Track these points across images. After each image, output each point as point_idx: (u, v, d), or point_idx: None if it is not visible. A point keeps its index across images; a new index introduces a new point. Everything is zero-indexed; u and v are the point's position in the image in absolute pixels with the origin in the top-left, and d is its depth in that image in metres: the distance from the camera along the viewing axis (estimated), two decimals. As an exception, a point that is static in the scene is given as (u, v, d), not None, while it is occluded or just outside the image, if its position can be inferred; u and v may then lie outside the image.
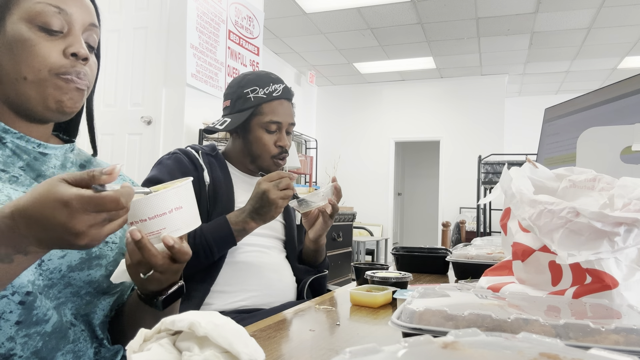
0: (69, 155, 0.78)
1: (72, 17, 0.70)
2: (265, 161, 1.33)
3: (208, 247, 1.13)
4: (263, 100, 1.30)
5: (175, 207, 0.61)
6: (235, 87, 1.34)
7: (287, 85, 1.37)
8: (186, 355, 0.39)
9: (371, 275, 0.96)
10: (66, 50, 0.69)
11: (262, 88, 1.31)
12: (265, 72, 1.38)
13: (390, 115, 7.40)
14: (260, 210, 1.14)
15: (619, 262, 0.54)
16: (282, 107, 1.33)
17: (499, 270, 0.71)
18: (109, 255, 0.73)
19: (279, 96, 1.33)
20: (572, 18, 4.83)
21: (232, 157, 1.38)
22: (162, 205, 0.60)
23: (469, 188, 6.57)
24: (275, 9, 4.75)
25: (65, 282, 0.67)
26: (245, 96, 1.31)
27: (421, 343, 0.28)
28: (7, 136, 0.69)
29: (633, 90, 0.95)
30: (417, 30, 5.34)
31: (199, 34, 3.37)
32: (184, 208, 0.62)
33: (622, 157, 0.82)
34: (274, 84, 1.34)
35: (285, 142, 1.34)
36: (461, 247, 1.36)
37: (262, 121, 1.30)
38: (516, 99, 7.86)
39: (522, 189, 0.63)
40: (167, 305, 0.69)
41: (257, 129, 1.31)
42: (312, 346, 0.61)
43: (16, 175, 0.67)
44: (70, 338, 0.67)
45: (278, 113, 1.31)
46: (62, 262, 0.66)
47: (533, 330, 0.42)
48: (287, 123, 1.33)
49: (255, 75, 1.35)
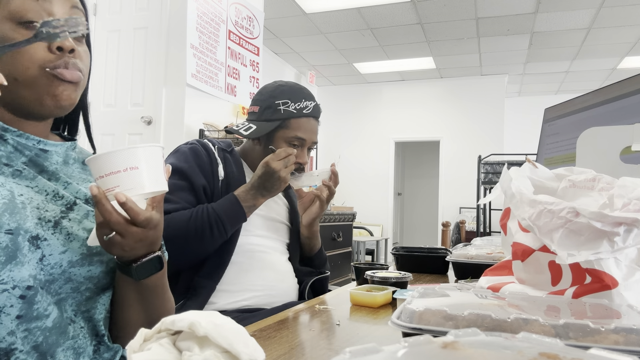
0: (71, 152, 0.78)
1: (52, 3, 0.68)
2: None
3: (221, 223, 1.15)
4: (293, 115, 1.30)
5: (130, 166, 0.61)
6: (267, 95, 1.33)
7: (317, 103, 1.38)
8: (186, 355, 0.39)
9: (371, 275, 0.96)
10: (51, 46, 0.67)
11: (293, 102, 1.31)
12: (299, 86, 1.38)
13: (390, 115, 7.39)
14: (270, 187, 1.17)
15: (618, 262, 0.54)
16: (310, 124, 1.34)
17: (499, 270, 0.71)
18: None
19: (309, 114, 1.33)
20: (572, 18, 4.83)
21: (248, 158, 1.38)
22: (117, 163, 0.61)
23: (469, 188, 6.57)
24: (275, 9, 4.76)
25: (65, 278, 0.66)
26: (276, 107, 1.30)
27: (421, 343, 0.28)
28: (7, 134, 0.69)
29: (633, 90, 0.95)
30: (417, 30, 5.34)
31: (199, 34, 3.37)
32: (140, 169, 0.62)
33: (621, 157, 0.82)
34: (306, 100, 1.34)
35: (304, 159, 1.34)
36: (461, 247, 1.36)
37: (288, 135, 1.30)
38: (516, 99, 7.86)
39: (522, 189, 0.63)
40: (143, 276, 0.68)
41: (281, 142, 1.30)
42: (312, 346, 0.61)
43: (19, 169, 0.67)
44: (70, 334, 0.67)
45: (305, 130, 1.32)
46: (62, 258, 0.66)
47: (533, 330, 0.42)
48: (310, 141, 1.34)
49: (289, 88, 1.35)
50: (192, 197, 1.21)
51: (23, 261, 0.61)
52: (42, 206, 0.66)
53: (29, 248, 0.62)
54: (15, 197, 0.64)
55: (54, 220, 0.67)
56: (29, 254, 0.62)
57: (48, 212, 0.67)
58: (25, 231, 0.62)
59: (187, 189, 1.21)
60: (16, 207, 0.62)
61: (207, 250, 1.16)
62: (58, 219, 0.67)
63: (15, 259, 0.60)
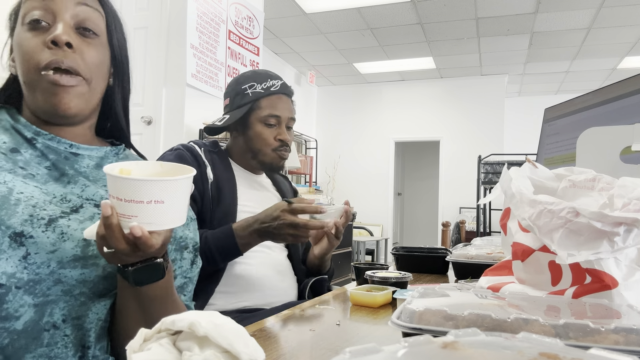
0: (111, 157, 0.77)
1: (55, 1, 0.68)
2: (267, 155, 1.32)
3: (212, 256, 1.11)
4: (261, 95, 1.30)
5: (156, 199, 0.54)
6: (234, 84, 1.35)
7: (285, 82, 1.37)
8: (186, 355, 0.39)
9: (371, 275, 0.96)
10: (46, 40, 0.66)
11: (259, 83, 1.31)
12: (263, 70, 1.39)
13: (390, 115, 7.39)
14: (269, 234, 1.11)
15: (618, 262, 0.54)
16: (281, 101, 1.33)
17: (499, 270, 0.71)
18: None
19: (277, 91, 1.33)
20: (572, 18, 4.83)
21: (234, 155, 1.37)
22: (142, 192, 0.54)
23: (469, 188, 6.57)
24: (275, 9, 4.75)
25: (54, 279, 0.62)
26: (243, 92, 1.31)
27: (421, 343, 0.28)
28: (39, 138, 0.70)
29: (633, 90, 0.95)
30: (417, 30, 5.34)
31: (199, 34, 3.37)
32: (165, 204, 0.55)
33: (621, 157, 0.82)
34: (271, 79, 1.33)
35: (285, 135, 1.32)
36: (461, 247, 1.36)
37: (261, 115, 1.30)
38: (516, 99, 7.86)
39: (522, 189, 0.63)
40: (141, 282, 0.61)
41: (257, 123, 1.30)
42: (312, 346, 0.61)
43: (33, 173, 0.67)
44: (44, 341, 0.61)
45: (277, 107, 1.31)
46: (51, 257, 0.62)
47: (533, 330, 0.42)
48: (286, 117, 1.33)
49: (253, 72, 1.36)
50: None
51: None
52: (41, 205, 0.64)
53: (9, 244, 0.60)
54: (13, 194, 0.63)
55: (48, 219, 0.64)
56: (9, 250, 0.60)
57: (45, 210, 0.64)
58: (7, 227, 0.60)
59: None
60: (7, 203, 0.61)
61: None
62: (55, 218, 0.64)
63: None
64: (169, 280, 0.66)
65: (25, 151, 0.69)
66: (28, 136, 0.70)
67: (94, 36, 0.71)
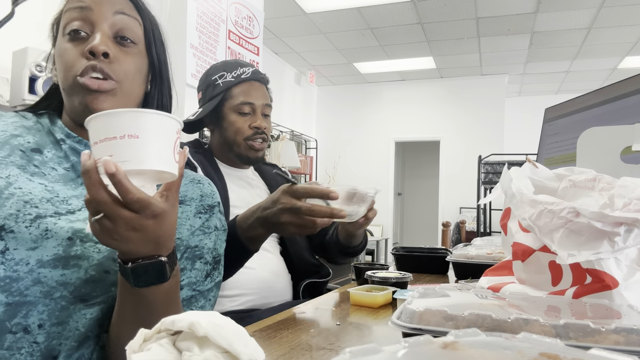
0: None
1: (94, 11, 0.69)
2: (240, 146, 1.26)
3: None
4: (232, 84, 1.26)
5: (129, 133, 0.50)
6: (204, 77, 1.31)
7: (258, 69, 1.32)
8: (186, 356, 0.39)
9: (371, 275, 0.96)
10: (84, 50, 0.67)
11: (229, 72, 1.27)
12: (233, 59, 1.34)
13: (390, 115, 7.39)
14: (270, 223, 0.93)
15: (619, 262, 0.54)
16: (253, 87, 1.27)
17: (499, 271, 0.71)
18: (93, 257, 0.64)
19: (248, 77, 1.27)
20: (572, 18, 4.83)
21: (215, 151, 1.32)
22: (113, 126, 0.50)
23: (469, 188, 6.57)
24: (275, 9, 4.75)
25: (33, 278, 0.59)
26: (214, 83, 1.27)
27: (421, 343, 0.28)
28: (68, 140, 0.72)
29: (633, 90, 0.95)
30: (417, 30, 5.34)
31: (199, 34, 3.37)
32: (140, 139, 0.50)
33: (622, 157, 0.82)
34: (242, 67, 1.28)
35: (260, 122, 1.25)
36: (461, 247, 1.36)
37: (234, 104, 1.25)
38: (516, 99, 7.86)
39: (522, 189, 0.63)
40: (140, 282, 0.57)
41: (230, 113, 1.25)
42: (312, 346, 0.61)
43: (45, 172, 0.68)
44: (4, 344, 0.57)
45: (249, 94, 1.26)
46: (30, 255, 0.60)
47: (533, 331, 0.42)
48: (261, 104, 1.27)
49: (222, 62, 1.32)
50: None
51: None
52: (35, 202, 0.63)
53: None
54: (10, 188, 0.62)
55: (35, 215, 0.61)
56: None
57: (36, 208, 0.62)
58: None
59: None
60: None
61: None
62: (43, 215, 0.62)
63: None
64: (173, 287, 0.61)
65: (48, 151, 0.70)
66: (58, 137, 0.72)
67: (132, 45, 0.73)
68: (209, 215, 0.80)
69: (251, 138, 1.25)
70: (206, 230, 0.78)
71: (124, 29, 0.71)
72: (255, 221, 0.96)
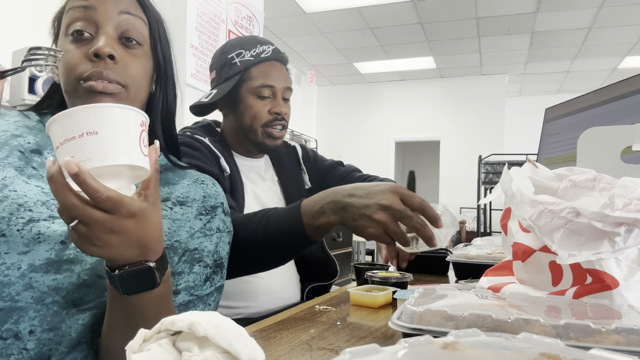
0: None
1: (98, 11, 0.67)
2: (256, 133, 1.14)
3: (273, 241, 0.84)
4: (251, 63, 1.13)
5: (88, 131, 0.48)
6: (219, 54, 1.18)
7: (277, 47, 1.20)
8: (186, 356, 0.39)
9: (371, 276, 0.96)
10: (89, 52, 0.65)
11: (248, 50, 1.14)
12: (251, 35, 1.22)
13: (391, 115, 7.40)
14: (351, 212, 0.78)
15: (619, 262, 0.54)
16: (274, 68, 1.15)
17: (499, 271, 0.71)
18: (86, 261, 0.62)
19: (269, 57, 1.15)
20: (572, 18, 4.83)
21: (228, 138, 1.20)
22: (71, 126, 0.48)
23: (469, 188, 6.57)
24: (275, 9, 4.75)
25: (25, 283, 0.58)
26: (231, 62, 1.14)
27: (421, 343, 0.28)
28: None
29: (633, 90, 0.95)
30: (417, 30, 5.34)
31: (198, 34, 3.37)
32: (100, 135, 0.48)
33: (622, 157, 0.82)
34: (261, 45, 1.16)
35: (281, 108, 1.14)
36: (461, 247, 1.36)
37: (252, 86, 1.13)
38: (516, 99, 7.86)
39: (523, 189, 0.62)
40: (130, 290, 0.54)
41: (248, 96, 1.13)
42: (312, 346, 0.61)
43: (43, 174, 0.66)
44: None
45: (269, 76, 1.14)
46: (22, 259, 0.58)
47: (533, 331, 0.42)
48: (281, 87, 1.15)
49: (239, 39, 1.18)
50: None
51: None
52: (29, 205, 0.61)
53: None
54: (4, 190, 0.61)
55: (28, 219, 0.60)
56: None
57: (30, 212, 0.61)
58: None
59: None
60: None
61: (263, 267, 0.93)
62: (36, 219, 0.60)
63: None
64: (164, 292, 0.58)
65: (48, 153, 0.69)
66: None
67: (137, 46, 0.70)
68: (210, 217, 0.77)
69: (270, 124, 1.14)
70: (207, 233, 0.76)
71: (130, 29, 0.69)
72: (327, 205, 0.80)
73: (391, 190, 0.76)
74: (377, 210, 0.75)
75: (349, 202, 0.78)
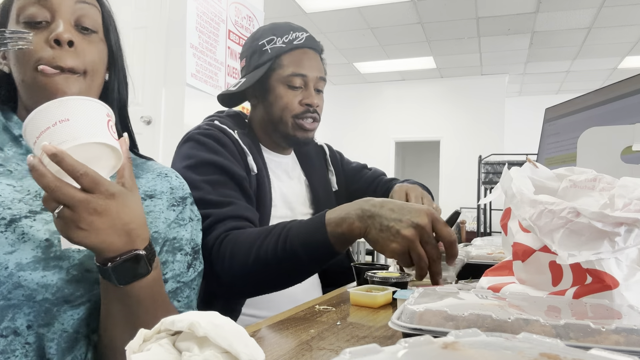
0: None
1: (52, 1, 0.67)
2: (286, 124, 1.08)
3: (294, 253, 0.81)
4: (282, 51, 1.07)
5: (60, 119, 0.53)
6: (250, 41, 1.12)
7: (312, 35, 1.13)
8: (186, 356, 0.39)
9: (371, 276, 0.96)
10: (48, 39, 0.65)
11: (280, 37, 1.08)
12: (284, 22, 1.15)
13: (391, 115, 7.39)
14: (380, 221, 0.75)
15: (619, 262, 0.54)
16: (307, 57, 1.09)
17: (500, 271, 0.71)
18: (74, 257, 0.63)
19: (302, 44, 1.08)
20: (572, 18, 4.83)
21: (257, 130, 1.14)
22: (46, 118, 0.53)
23: (469, 188, 6.57)
24: (275, 9, 4.75)
25: (14, 282, 0.58)
26: (261, 49, 1.08)
27: (421, 343, 0.28)
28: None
29: (633, 90, 0.95)
30: (417, 30, 5.34)
31: (198, 34, 3.37)
32: (71, 120, 0.54)
33: (622, 157, 0.82)
34: (294, 31, 1.09)
35: (312, 99, 1.07)
36: (461, 247, 1.36)
37: (283, 75, 1.06)
38: (516, 98, 7.86)
39: (523, 189, 0.62)
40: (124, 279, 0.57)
41: (278, 85, 1.07)
42: (312, 346, 0.61)
43: (11, 169, 0.66)
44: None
45: (301, 64, 1.07)
46: (9, 259, 0.58)
47: (533, 331, 0.42)
48: (314, 77, 1.09)
49: (272, 25, 1.12)
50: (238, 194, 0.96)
51: None
52: (7, 204, 0.62)
53: None
54: None
55: (9, 219, 0.60)
56: None
57: (9, 210, 0.61)
58: None
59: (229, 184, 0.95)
60: None
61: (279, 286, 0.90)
62: (17, 218, 0.61)
63: None
64: (156, 279, 0.61)
65: (9, 149, 0.68)
66: (16, 134, 0.69)
67: (92, 33, 0.71)
68: (182, 208, 0.79)
69: (301, 116, 1.08)
70: (181, 222, 0.78)
71: (85, 16, 0.70)
72: (354, 212, 0.77)
73: (427, 213, 0.73)
74: (409, 226, 0.72)
75: (379, 212, 0.75)
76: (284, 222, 0.87)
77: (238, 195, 0.96)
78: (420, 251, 0.72)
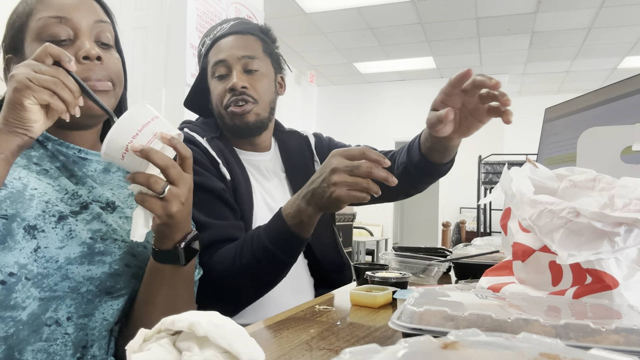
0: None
1: (74, 21, 0.72)
2: (223, 117, 1.05)
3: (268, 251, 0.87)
4: (207, 48, 1.07)
5: (154, 116, 0.63)
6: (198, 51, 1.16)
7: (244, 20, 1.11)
8: (186, 356, 0.39)
9: (371, 275, 0.96)
10: (77, 55, 0.70)
11: (208, 36, 1.10)
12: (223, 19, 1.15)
13: (391, 115, 7.39)
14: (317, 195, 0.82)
15: (619, 262, 0.54)
16: (225, 42, 1.05)
17: (499, 271, 0.71)
18: (115, 252, 0.70)
19: (224, 33, 1.06)
20: (572, 18, 4.83)
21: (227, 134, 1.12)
22: (145, 116, 0.62)
23: (469, 188, 6.57)
24: (275, 9, 4.75)
25: (62, 275, 0.65)
26: (199, 54, 1.13)
27: (421, 343, 0.28)
28: (49, 142, 0.74)
29: (633, 90, 0.95)
30: (417, 30, 5.34)
31: (198, 34, 3.37)
32: (160, 117, 0.64)
33: (622, 157, 0.82)
34: (220, 25, 1.09)
35: (234, 81, 1.00)
36: (461, 247, 1.36)
37: (210, 70, 1.06)
38: (516, 98, 7.86)
39: (523, 189, 0.62)
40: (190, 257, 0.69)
41: (211, 82, 1.06)
42: (312, 346, 0.61)
43: (47, 168, 0.71)
44: (43, 336, 0.64)
45: (221, 51, 1.04)
46: (59, 253, 0.65)
47: (533, 331, 0.42)
48: (236, 57, 1.02)
49: (208, 28, 1.14)
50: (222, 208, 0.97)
51: (12, 247, 0.61)
52: (54, 202, 0.67)
53: (23, 236, 0.62)
54: (27, 189, 0.66)
55: (58, 216, 0.66)
56: (23, 241, 0.62)
57: (57, 207, 0.67)
58: (22, 219, 0.63)
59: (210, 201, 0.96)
60: (22, 197, 0.64)
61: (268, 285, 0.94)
62: (64, 215, 0.67)
63: (4, 243, 0.61)
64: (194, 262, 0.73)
65: (37, 150, 0.73)
66: (39, 139, 0.74)
67: (110, 48, 0.77)
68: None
69: (228, 104, 1.02)
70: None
71: (102, 32, 0.76)
72: (302, 200, 0.84)
73: (332, 156, 0.82)
74: (330, 175, 0.80)
75: (312, 187, 0.84)
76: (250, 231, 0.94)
77: (219, 211, 0.96)
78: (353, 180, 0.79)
